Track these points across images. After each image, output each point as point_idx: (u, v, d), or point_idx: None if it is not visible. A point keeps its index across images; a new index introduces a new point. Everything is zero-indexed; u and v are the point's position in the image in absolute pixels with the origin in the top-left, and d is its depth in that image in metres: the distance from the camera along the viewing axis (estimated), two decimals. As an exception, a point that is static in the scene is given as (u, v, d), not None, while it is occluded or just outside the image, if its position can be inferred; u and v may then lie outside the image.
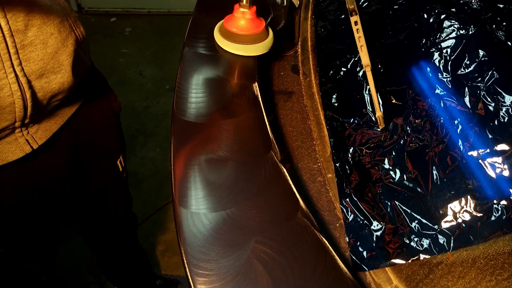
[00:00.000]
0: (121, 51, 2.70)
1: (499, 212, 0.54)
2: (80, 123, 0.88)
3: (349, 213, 0.62)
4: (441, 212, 0.57)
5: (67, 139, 0.86)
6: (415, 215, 0.58)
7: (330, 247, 0.54)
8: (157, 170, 2.08)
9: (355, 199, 0.63)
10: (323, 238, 0.55)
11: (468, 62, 0.64)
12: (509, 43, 0.63)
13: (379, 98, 0.70)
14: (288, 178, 0.60)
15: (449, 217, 0.57)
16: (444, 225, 0.57)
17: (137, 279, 1.51)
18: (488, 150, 0.57)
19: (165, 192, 1.98)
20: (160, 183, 2.03)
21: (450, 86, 0.64)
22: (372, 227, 0.60)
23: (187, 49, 0.79)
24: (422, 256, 0.56)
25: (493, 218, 0.54)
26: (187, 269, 0.53)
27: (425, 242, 0.56)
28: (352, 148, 0.69)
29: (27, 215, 0.87)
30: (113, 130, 1.02)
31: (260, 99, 0.71)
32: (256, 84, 0.73)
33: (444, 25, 0.69)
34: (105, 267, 1.44)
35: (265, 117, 0.68)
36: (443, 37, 0.69)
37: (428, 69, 0.68)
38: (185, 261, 0.53)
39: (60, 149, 0.85)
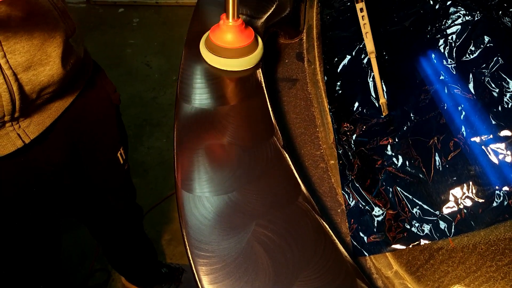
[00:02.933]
0: (129, 42, 2.71)
1: (501, 198, 0.54)
2: (76, 116, 0.86)
3: (351, 199, 0.62)
4: (442, 198, 0.57)
5: (63, 133, 0.85)
6: (417, 201, 0.58)
7: (330, 231, 0.54)
8: (163, 160, 2.09)
9: (357, 185, 0.63)
10: (324, 222, 0.55)
11: (473, 49, 0.63)
12: (515, 29, 0.63)
13: (383, 85, 0.70)
14: (290, 163, 0.61)
15: (451, 203, 0.57)
16: (446, 210, 0.56)
17: (142, 268, 1.53)
18: (491, 136, 0.57)
19: (172, 181, 1.98)
20: (166, 173, 2.04)
21: (454, 73, 0.64)
22: (374, 212, 0.60)
23: (192, 35, 0.79)
24: (422, 242, 0.56)
25: (494, 204, 0.54)
26: (188, 251, 0.54)
27: (426, 228, 0.56)
28: (355, 135, 0.69)
29: (24, 209, 0.86)
30: (112, 122, 1.00)
31: (264, 85, 0.71)
32: (260, 70, 0.73)
33: (450, 11, 0.69)
34: (110, 256, 1.46)
35: (268, 104, 0.68)
36: (449, 23, 0.68)
37: (433, 55, 0.67)
38: (186, 243, 0.54)
39: (55, 143, 0.83)
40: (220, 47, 0.69)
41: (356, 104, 0.71)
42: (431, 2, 0.72)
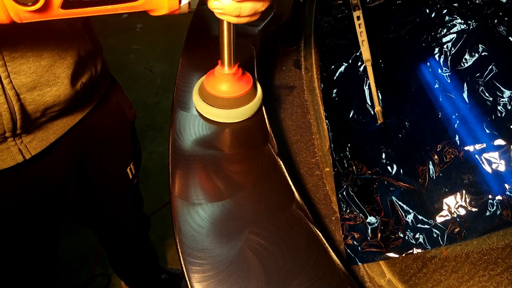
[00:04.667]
0: (132, 47, 2.73)
1: (494, 207, 0.54)
2: (85, 132, 0.83)
3: (345, 207, 0.63)
4: (436, 206, 0.57)
5: (69, 148, 0.82)
6: (410, 209, 0.58)
7: (323, 239, 0.55)
8: (165, 164, 2.10)
9: (352, 193, 0.63)
10: (317, 230, 0.55)
11: (468, 57, 0.63)
12: (510, 38, 0.63)
13: (379, 93, 0.70)
14: (284, 170, 0.61)
15: (444, 211, 0.56)
16: (439, 219, 0.56)
17: (143, 273, 1.53)
18: (484, 145, 0.56)
19: (173, 187, 2.00)
20: (168, 178, 2.04)
21: (449, 81, 0.64)
22: (368, 220, 0.60)
23: (189, 42, 0.80)
24: (416, 250, 0.56)
25: (487, 213, 0.54)
26: (181, 258, 0.54)
27: (419, 236, 0.56)
28: (350, 143, 0.69)
29: (23, 217, 0.84)
30: (125, 138, 0.97)
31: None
32: (257, 78, 0.73)
33: (446, 19, 0.69)
34: (113, 260, 1.46)
35: (264, 111, 0.69)
36: (444, 32, 0.69)
37: (428, 64, 0.68)
38: (179, 250, 0.54)
39: (59, 158, 0.81)
40: (214, 96, 0.62)
41: (352, 112, 0.71)
42: (427, 11, 0.72)
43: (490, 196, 0.55)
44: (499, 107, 0.57)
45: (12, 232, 0.86)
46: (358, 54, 0.77)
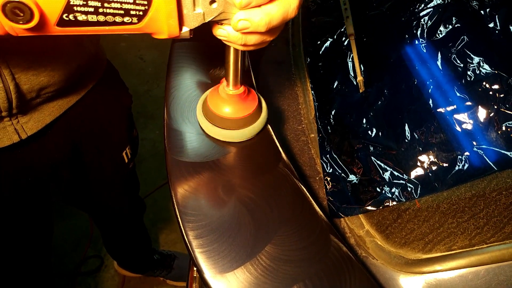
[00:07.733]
0: (123, 36, 2.74)
1: (463, 162, 0.59)
2: (81, 115, 0.84)
3: (329, 167, 0.67)
4: (411, 163, 0.62)
5: (65, 130, 0.83)
6: (387, 167, 0.63)
7: (307, 194, 0.59)
8: (157, 151, 2.13)
9: (335, 155, 0.68)
10: (302, 186, 0.60)
11: (442, 29, 0.68)
12: (481, 12, 0.68)
13: (361, 65, 0.75)
14: (272, 133, 0.65)
15: (418, 168, 0.61)
16: (413, 175, 0.61)
17: (137, 255, 1.56)
18: (455, 107, 0.61)
19: (165, 172, 2.02)
20: (159, 164, 2.08)
21: (425, 51, 0.69)
22: (349, 179, 0.65)
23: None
24: (391, 203, 0.61)
25: (457, 168, 0.59)
26: (176, 210, 0.58)
27: (395, 191, 0.61)
28: (334, 111, 0.73)
29: (16, 199, 0.85)
30: (121, 123, 0.98)
31: (250, 67, 0.75)
32: (247, 54, 0.77)
33: (423, -4, 0.74)
34: (108, 242, 1.47)
35: (253, 81, 0.73)
36: (422, 7, 0.73)
37: (407, 36, 0.72)
38: (174, 202, 0.58)
39: (55, 140, 0.82)
40: (219, 116, 0.60)
41: (336, 83, 0.76)
42: (407, -12, 0.77)
43: (459, 152, 0.60)
44: (468, 72, 0.62)
45: (6, 214, 0.86)
46: (342, 30, 0.82)
